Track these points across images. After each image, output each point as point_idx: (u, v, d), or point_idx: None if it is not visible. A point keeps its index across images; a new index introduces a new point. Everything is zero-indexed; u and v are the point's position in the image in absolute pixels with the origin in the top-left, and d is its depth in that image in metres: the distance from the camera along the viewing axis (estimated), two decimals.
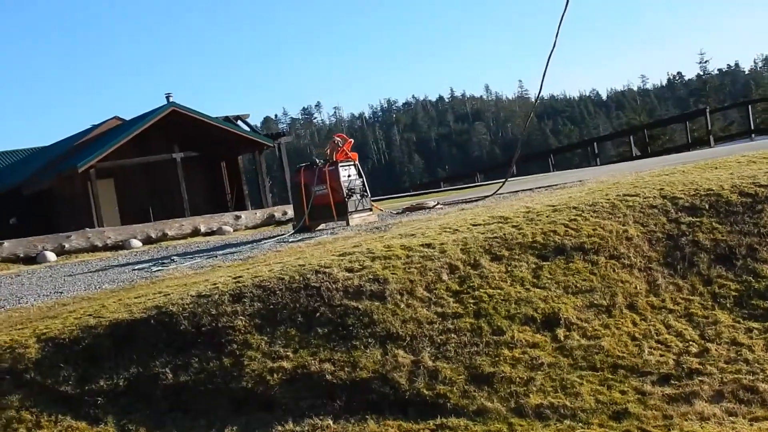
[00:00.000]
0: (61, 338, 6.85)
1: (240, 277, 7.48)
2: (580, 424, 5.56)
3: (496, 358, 6.14)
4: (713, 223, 7.48)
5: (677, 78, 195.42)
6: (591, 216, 7.66)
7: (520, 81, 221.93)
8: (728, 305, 6.74)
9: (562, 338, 6.37)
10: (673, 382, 5.96)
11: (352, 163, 12.99)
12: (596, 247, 7.23)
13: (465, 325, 6.48)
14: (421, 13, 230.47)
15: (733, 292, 6.87)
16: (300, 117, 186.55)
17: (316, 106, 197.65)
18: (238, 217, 17.20)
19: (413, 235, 8.13)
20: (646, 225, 7.54)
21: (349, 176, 12.80)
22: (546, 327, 6.50)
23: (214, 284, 7.37)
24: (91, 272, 11.52)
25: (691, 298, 6.82)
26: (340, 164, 12.75)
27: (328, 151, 12.98)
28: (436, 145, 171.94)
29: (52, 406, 6.23)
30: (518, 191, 13.07)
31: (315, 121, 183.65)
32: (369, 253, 7.44)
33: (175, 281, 8.65)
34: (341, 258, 7.46)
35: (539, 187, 12.73)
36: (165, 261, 11.42)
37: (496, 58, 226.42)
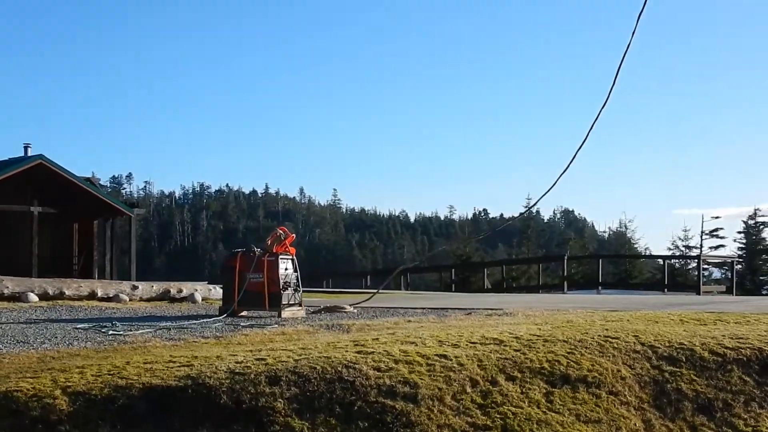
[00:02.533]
0: (90, 394, 6.87)
1: (263, 359, 7.72)
2: None
3: None
4: (692, 375, 8.33)
5: (482, 214, 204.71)
6: (585, 352, 8.37)
7: (334, 189, 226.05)
8: None
9: None
10: None
11: (291, 257, 13.35)
12: (597, 381, 7.93)
13: None
14: (245, 106, 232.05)
15: None
16: (108, 185, 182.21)
17: (127, 176, 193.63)
18: (135, 288, 17.06)
19: (413, 342, 8.60)
20: (634, 368, 8.32)
21: (286, 269, 13.14)
22: None
23: (239, 362, 7.58)
24: (26, 323, 11.29)
25: None
26: (279, 256, 13.09)
27: (269, 241, 13.30)
28: (243, 238, 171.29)
29: None
30: (446, 309, 13.71)
31: (123, 192, 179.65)
32: (388, 355, 7.87)
33: (166, 351, 8.73)
34: (361, 356, 7.84)
35: (471, 309, 13.42)
36: (105, 324, 11.35)
37: (313, 164, 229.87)
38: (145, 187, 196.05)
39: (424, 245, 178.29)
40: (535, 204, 14.39)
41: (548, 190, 13.75)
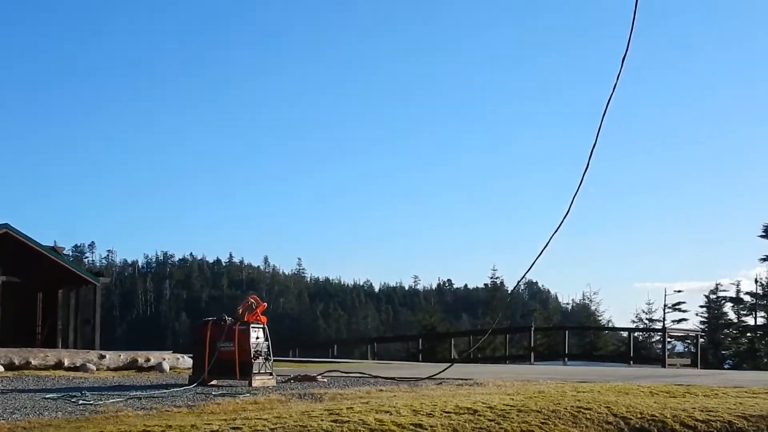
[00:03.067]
0: None
1: (239, 428, 7.70)
2: None
3: None
4: None
5: (446, 284, 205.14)
6: (559, 422, 8.43)
7: (299, 258, 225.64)
8: None
9: None
10: None
11: (262, 326, 13.35)
12: None
13: None
14: (208, 176, 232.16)
15: None
16: (70, 254, 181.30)
17: (89, 245, 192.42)
18: (102, 357, 16.91)
19: (387, 412, 8.63)
20: None
21: (257, 338, 13.13)
22: None
23: (214, 431, 7.57)
24: None
25: None
26: (251, 325, 13.09)
27: (240, 310, 13.30)
28: (206, 307, 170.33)
29: None
30: (417, 379, 13.72)
31: (86, 260, 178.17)
32: (364, 424, 7.89)
33: (139, 420, 8.68)
34: (336, 425, 7.86)
35: (442, 379, 13.44)
36: (75, 394, 11.26)
37: (278, 233, 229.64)
38: (107, 255, 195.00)
39: (389, 315, 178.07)
40: (524, 276, 14.37)
41: (536, 259, 13.56)
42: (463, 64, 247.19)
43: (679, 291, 54.89)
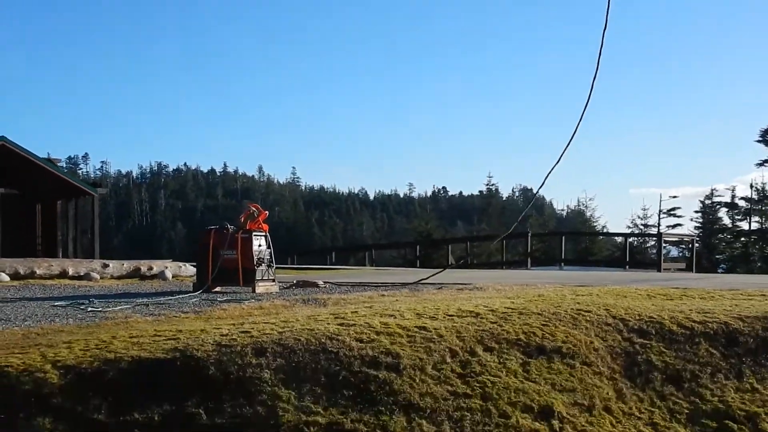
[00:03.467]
0: (81, 368, 7.01)
1: (248, 332, 7.89)
2: None
3: None
4: (661, 348, 8.63)
5: (441, 192, 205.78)
6: (559, 324, 8.64)
7: (293, 168, 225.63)
8: (683, 420, 7.83)
9: (558, 429, 7.26)
10: None
11: (264, 233, 13.50)
12: (571, 352, 8.20)
13: (475, 406, 7.21)
14: (203, 83, 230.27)
15: (685, 410, 7.96)
16: (64, 166, 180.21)
17: (83, 156, 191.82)
18: (105, 266, 17.11)
19: (392, 315, 8.82)
20: (606, 340, 8.60)
21: (260, 246, 13.30)
22: (542, 417, 7.32)
23: (224, 335, 7.76)
24: (2, 302, 11.36)
25: (652, 409, 7.88)
26: (253, 233, 13.24)
27: (242, 218, 13.44)
28: (201, 216, 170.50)
29: None
30: (417, 283, 13.93)
31: (80, 172, 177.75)
32: (369, 327, 8.08)
33: (149, 325, 8.88)
34: (343, 328, 8.05)
35: (441, 283, 13.66)
36: (83, 301, 11.45)
37: (272, 142, 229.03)
38: (101, 167, 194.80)
39: (384, 222, 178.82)
40: (540, 187, 14.49)
41: (551, 170, 13.61)
42: None
43: (675, 197, 55.34)
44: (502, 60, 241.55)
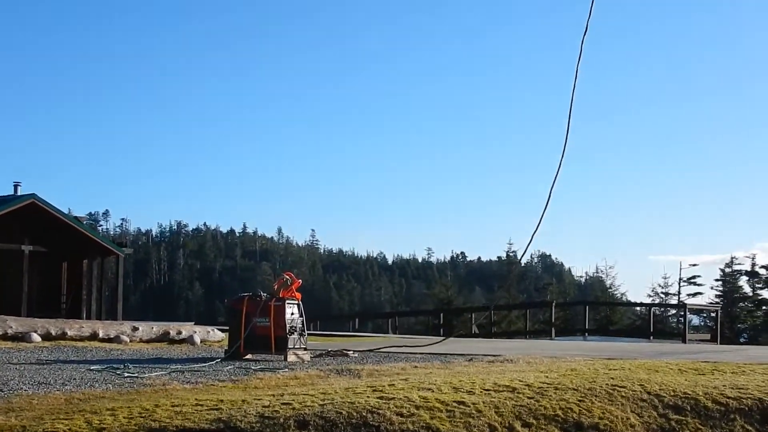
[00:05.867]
0: None
1: (289, 403, 8.00)
2: None
3: None
4: (697, 424, 8.68)
5: (460, 257, 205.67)
6: (596, 400, 8.71)
7: (312, 230, 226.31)
8: None
9: None
10: None
11: (297, 302, 13.65)
12: (608, 428, 8.25)
13: None
14: (224, 144, 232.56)
15: None
16: (85, 222, 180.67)
17: (103, 213, 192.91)
18: (135, 329, 17.28)
19: (429, 389, 8.92)
20: (642, 416, 8.66)
21: (292, 314, 13.44)
22: None
23: (266, 407, 7.87)
24: (38, 364, 11.50)
25: None
26: (286, 301, 13.39)
27: (276, 286, 13.61)
28: (219, 277, 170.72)
29: None
30: (446, 354, 14.02)
31: (100, 228, 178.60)
32: (409, 401, 8.18)
33: (189, 394, 9.00)
34: (383, 401, 8.15)
35: (471, 355, 13.73)
36: (118, 366, 11.59)
37: (291, 204, 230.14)
38: (121, 224, 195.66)
39: (402, 287, 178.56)
40: (527, 246, 14.72)
41: (535, 230, 14.15)
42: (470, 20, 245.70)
43: (695, 265, 55.12)
44: (522, 130, 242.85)
